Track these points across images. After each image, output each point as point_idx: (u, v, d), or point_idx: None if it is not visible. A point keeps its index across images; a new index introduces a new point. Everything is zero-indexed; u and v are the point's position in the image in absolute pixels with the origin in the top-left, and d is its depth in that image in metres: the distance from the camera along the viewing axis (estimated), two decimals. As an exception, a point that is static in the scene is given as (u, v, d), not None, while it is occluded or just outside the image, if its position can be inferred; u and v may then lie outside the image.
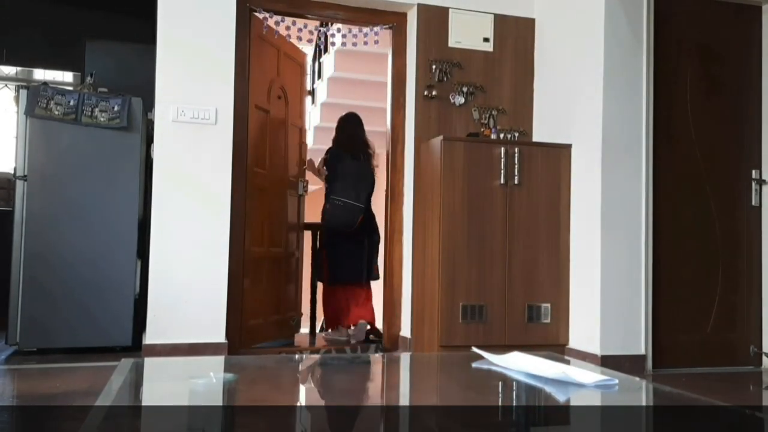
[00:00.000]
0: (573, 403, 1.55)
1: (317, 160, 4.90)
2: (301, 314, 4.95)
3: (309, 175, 4.94)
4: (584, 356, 3.74)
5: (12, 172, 3.99)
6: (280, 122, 4.59)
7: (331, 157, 4.74)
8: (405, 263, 4.32)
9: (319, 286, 4.96)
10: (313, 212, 5.01)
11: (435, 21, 4.32)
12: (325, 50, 6.98)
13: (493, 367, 1.73)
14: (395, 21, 4.43)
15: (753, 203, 4.10)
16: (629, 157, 3.83)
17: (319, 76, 7.23)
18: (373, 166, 4.78)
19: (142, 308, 3.92)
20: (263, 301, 4.37)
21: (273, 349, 4.28)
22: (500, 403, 1.59)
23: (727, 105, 4.12)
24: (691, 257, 3.97)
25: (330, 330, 4.79)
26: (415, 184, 4.24)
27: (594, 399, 1.54)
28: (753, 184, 4.11)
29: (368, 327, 4.68)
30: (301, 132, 4.94)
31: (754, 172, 4.12)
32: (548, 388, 1.57)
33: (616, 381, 1.58)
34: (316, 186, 5.40)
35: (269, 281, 4.48)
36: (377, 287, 4.69)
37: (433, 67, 4.30)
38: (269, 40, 4.40)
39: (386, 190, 4.48)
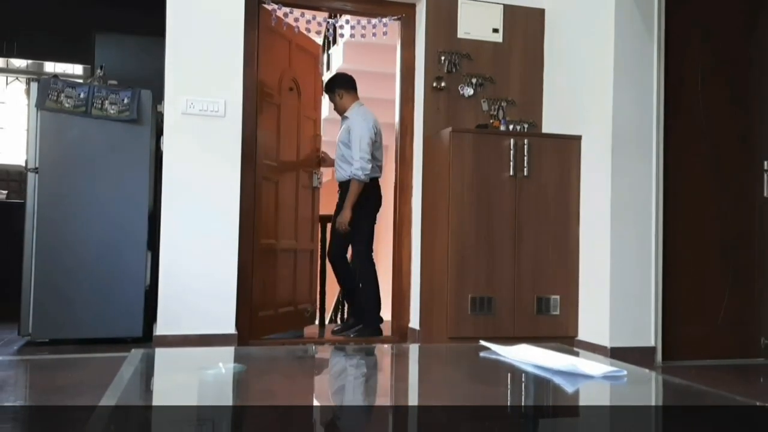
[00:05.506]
0: (581, 394, 1.55)
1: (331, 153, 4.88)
2: (316, 306, 4.95)
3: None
4: (593, 348, 3.74)
5: (24, 164, 4.02)
6: (292, 114, 4.58)
7: None
8: (414, 255, 4.32)
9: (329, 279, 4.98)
10: (328, 205, 5.01)
11: (444, 12, 4.30)
12: (334, 42, 6.96)
13: (502, 359, 1.73)
14: (404, 12, 4.42)
15: (765, 194, 4.07)
16: (639, 148, 3.81)
17: (328, 68, 7.21)
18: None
19: (152, 300, 3.94)
20: (274, 293, 4.38)
21: (280, 341, 4.30)
22: (509, 395, 1.59)
23: (739, 95, 4.08)
24: (702, 249, 3.95)
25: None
26: (424, 175, 4.23)
27: (603, 391, 1.53)
28: (765, 175, 4.07)
29: None
30: (315, 124, 4.92)
31: (766, 163, 4.08)
32: (556, 380, 1.57)
33: (625, 372, 1.57)
34: (327, 178, 5.36)
35: (281, 273, 4.48)
36: (386, 279, 4.69)
37: (442, 58, 4.28)
38: (279, 32, 4.39)
39: (395, 182, 4.48)
